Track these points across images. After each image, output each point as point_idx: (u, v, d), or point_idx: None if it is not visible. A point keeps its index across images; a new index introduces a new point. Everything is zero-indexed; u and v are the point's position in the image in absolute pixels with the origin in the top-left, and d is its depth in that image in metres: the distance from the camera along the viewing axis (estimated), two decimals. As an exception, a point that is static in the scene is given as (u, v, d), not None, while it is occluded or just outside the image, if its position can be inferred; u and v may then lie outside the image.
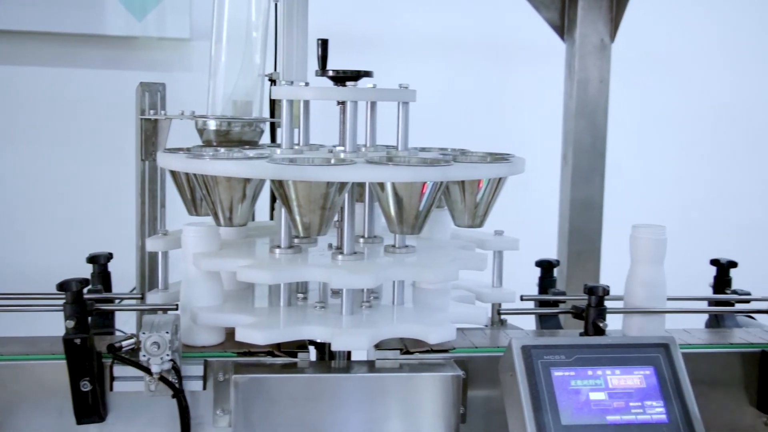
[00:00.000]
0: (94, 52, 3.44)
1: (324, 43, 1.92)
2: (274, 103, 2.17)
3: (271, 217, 2.14)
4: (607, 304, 1.73)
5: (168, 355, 1.50)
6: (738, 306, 2.03)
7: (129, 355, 1.53)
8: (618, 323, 1.85)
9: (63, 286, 1.57)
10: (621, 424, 1.45)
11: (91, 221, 3.37)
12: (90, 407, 1.58)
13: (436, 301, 1.78)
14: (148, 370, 1.51)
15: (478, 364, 1.70)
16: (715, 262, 2.14)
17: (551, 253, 2.60)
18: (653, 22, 3.74)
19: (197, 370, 1.62)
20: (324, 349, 1.70)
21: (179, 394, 1.56)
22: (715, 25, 3.95)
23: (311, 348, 1.69)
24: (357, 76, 1.70)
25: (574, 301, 1.86)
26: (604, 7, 2.59)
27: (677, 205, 3.77)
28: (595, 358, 1.51)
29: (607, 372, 1.50)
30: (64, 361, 1.55)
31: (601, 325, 1.69)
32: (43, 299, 1.76)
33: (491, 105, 3.79)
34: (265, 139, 2.15)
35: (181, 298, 1.70)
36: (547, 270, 2.10)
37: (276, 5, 2.09)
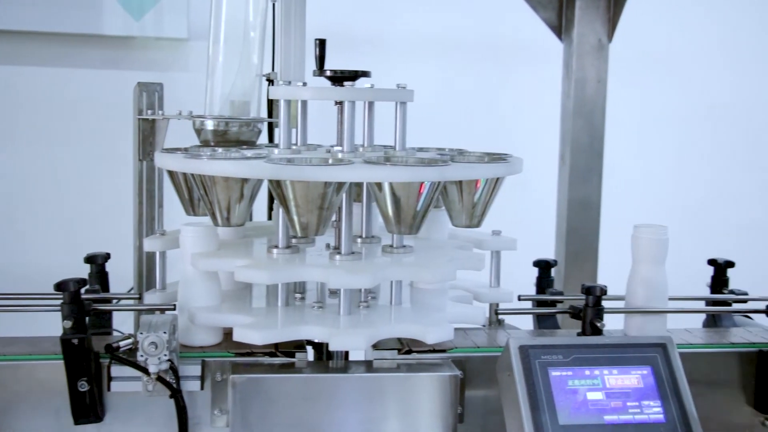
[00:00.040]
0: (91, 52, 3.43)
1: (321, 43, 1.92)
2: (271, 103, 2.17)
3: (269, 217, 2.14)
4: (605, 303, 1.73)
5: (165, 355, 1.50)
6: (736, 306, 2.04)
7: (126, 355, 1.53)
8: (617, 323, 1.85)
9: (60, 286, 1.57)
10: (618, 424, 1.45)
11: (89, 221, 3.37)
12: (87, 407, 1.58)
13: (434, 301, 1.78)
14: (145, 370, 1.51)
15: (476, 364, 1.70)
16: (712, 262, 2.15)
17: (549, 253, 2.60)
18: (651, 22, 3.74)
19: (195, 370, 1.62)
20: (322, 349, 1.70)
21: (177, 394, 1.56)
22: (714, 25, 3.95)
23: (309, 348, 1.69)
24: (354, 76, 1.70)
25: (571, 301, 1.86)
26: (601, 7, 2.59)
27: (675, 205, 3.77)
28: (592, 358, 1.51)
29: (605, 372, 1.50)
30: (62, 361, 1.55)
31: (598, 325, 1.69)
32: (41, 299, 1.75)
33: (489, 105, 3.79)
34: (263, 139, 2.15)
35: (179, 298, 1.70)
36: (544, 270, 2.10)
37: (273, 5, 2.09)
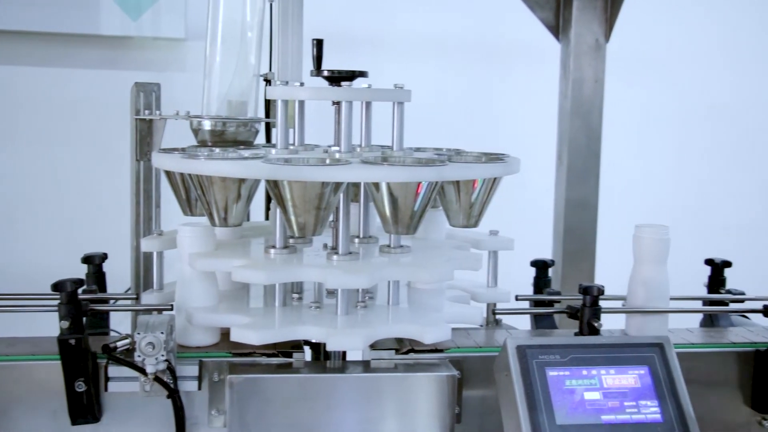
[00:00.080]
0: (89, 52, 3.43)
1: (319, 44, 1.93)
2: (269, 104, 2.17)
3: (267, 217, 2.14)
4: (602, 303, 1.73)
5: (163, 355, 1.50)
6: (733, 306, 2.04)
7: (124, 355, 1.53)
8: (615, 323, 1.86)
9: (57, 287, 1.56)
10: (616, 424, 1.45)
11: (86, 221, 3.37)
12: (85, 408, 1.58)
13: (431, 301, 1.78)
14: (143, 371, 1.51)
15: (473, 363, 1.69)
16: (709, 261, 2.15)
17: (546, 253, 2.60)
18: (648, 22, 3.75)
19: (192, 370, 1.61)
20: (319, 349, 1.70)
21: (174, 395, 1.56)
22: (711, 25, 3.96)
23: (306, 348, 1.69)
24: (352, 76, 1.70)
25: (568, 301, 1.86)
26: (598, 8, 2.59)
27: (674, 204, 3.78)
28: (589, 358, 1.51)
29: (602, 372, 1.50)
30: (59, 362, 1.55)
31: (595, 324, 1.69)
32: (38, 299, 1.75)
33: (486, 105, 3.79)
34: (260, 139, 2.15)
35: (176, 298, 1.69)
36: (542, 270, 2.10)
37: (271, 5, 2.09)
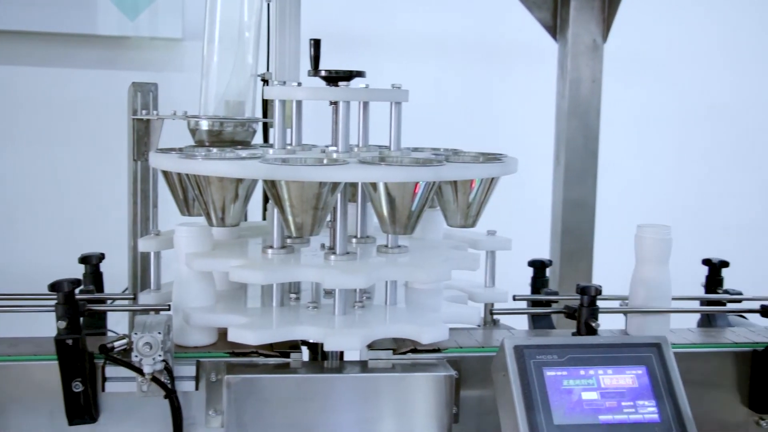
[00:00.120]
0: (86, 51, 3.43)
1: (316, 43, 1.92)
2: (266, 103, 2.17)
3: (264, 217, 2.14)
4: (600, 303, 1.73)
5: (160, 355, 1.50)
6: (731, 306, 2.04)
7: (121, 355, 1.53)
8: (615, 323, 1.86)
9: (54, 287, 1.56)
10: (613, 424, 1.45)
11: (83, 221, 3.37)
12: (82, 408, 1.58)
13: (429, 301, 1.78)
14: (140, 371, 1.51)
15: (471, 364, 1.69)
16: (707, 261, 2.15)
17: (544, 253, 2.60)
18: (648, 22, 3.75)
19: (189, 370, 1.61)
20: (317, 350, 1.70)
21: (171, 395, 1.56)
22: (711, 25, 3.96)
23: (304, 348, 1.69)
24: (349, 76, 1.70)
25: (566, 301, 1.87)
26: (596, 8, 2.59)
27: (674, 204, 3.78)
28: (587, 358, 1.51)
29: (600, 372, 1.50)
30: (56, 362, 1.55)
31: (593, 324, 1.69)
32: (35, 299, 1.75)
33: (483, 105, 3.79)
34: (258, 139, 2.15)
35: (174, 298, 1.69)
36: (539, 270, 2.10)
37: (268, 5, 2.09)
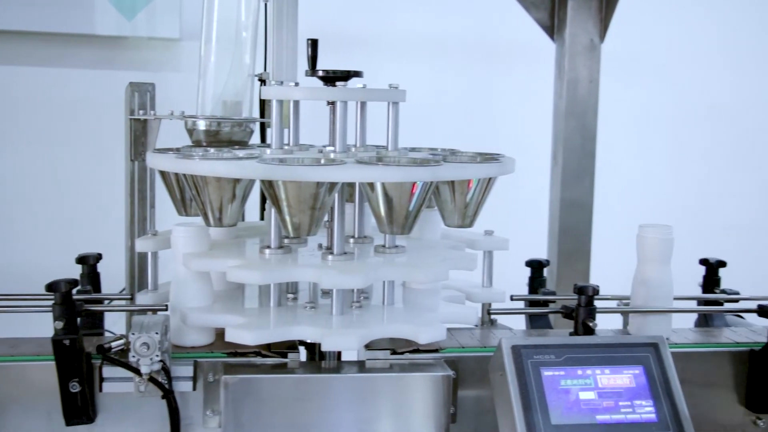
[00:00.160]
0: (83, 51, 3.43)
1: (314, 43, 1.92)
2: (263, 104, 2.17)
3: (261, 217, 2.14)
4: (598, 303, 1.73)
5: (157, 355, 1.50)
6: (728, 305, 2.04)
7: (118, 355, 1.53)
8: (613, 323, 1.86)
9: (52, 287, 1.56)
10: (611, 424, 1.45)
11: (80, 221, 3.36)
12: (79, 408, 1.57)
13: (426, 301, 1.78)
14: (137, 371, 1.51)
15: (468, 364, 1.69)
16: (704, 261, 2.15)
17: (541, 253, 2.60)
18: (647, 22, 3.75)
19: (187, 370, 1.61)
20: (314, 350, 1.70)
21: (169, 395, 1.56)
22: (711, 25, 3.96)
23: (301, 348, 1.69)
24: (347, 76, 1.70)
25: (563, 301, 1.86)
26: (593, 8, 2.59)
27: (673, 204, 3.77)
28: (584, 358, 1.51)
29: (597, 371, 1.50)
30: (53, 362, 1.55)
31: (590, 324, 1.69)
32: (32, 300, 1.75)
33: (481, 105, 3.79)
34: (255, 139, 2.14)
35: (171, 298, 1.69)
36: (537, 270, 2.10)
37: (266, 5, 2.09)
